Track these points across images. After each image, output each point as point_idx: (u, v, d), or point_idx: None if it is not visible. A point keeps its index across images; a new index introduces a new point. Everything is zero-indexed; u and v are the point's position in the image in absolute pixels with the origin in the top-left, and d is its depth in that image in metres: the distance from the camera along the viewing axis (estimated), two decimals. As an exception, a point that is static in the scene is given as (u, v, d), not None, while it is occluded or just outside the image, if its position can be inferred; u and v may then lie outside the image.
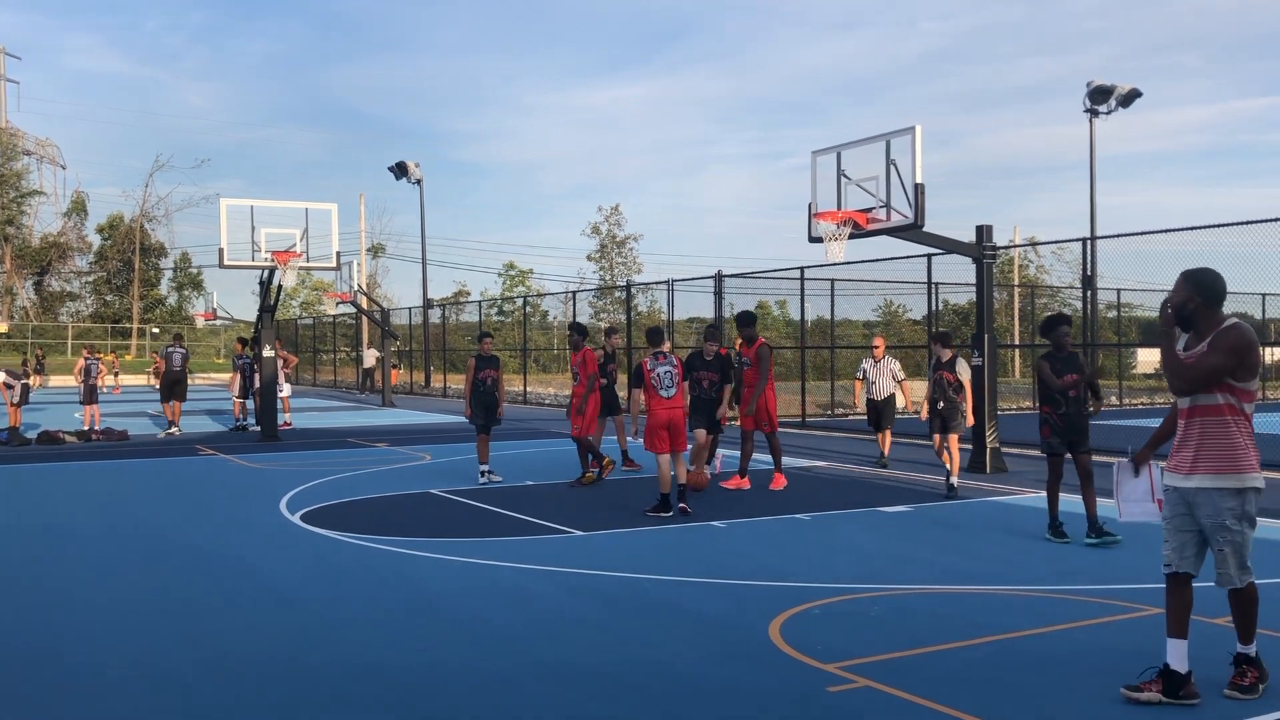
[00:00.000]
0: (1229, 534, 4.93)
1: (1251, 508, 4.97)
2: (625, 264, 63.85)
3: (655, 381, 10.62)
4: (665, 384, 10.61)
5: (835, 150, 13.76)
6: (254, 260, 19.07)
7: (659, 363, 10.72)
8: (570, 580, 7.72)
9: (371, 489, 12.59)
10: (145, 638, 6.28)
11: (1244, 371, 4.91)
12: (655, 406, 10.57)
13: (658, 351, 10.90)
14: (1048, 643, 6.05)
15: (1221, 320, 5.01)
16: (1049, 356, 9.15)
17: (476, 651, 5.96)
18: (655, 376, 10.64)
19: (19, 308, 66.84)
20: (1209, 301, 5.04)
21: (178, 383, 20.82)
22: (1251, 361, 4.91)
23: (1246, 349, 4.91)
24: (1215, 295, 5.04)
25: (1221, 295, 5.06)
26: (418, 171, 42.41)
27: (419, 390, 38.50)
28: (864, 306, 32.68)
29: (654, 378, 10.64)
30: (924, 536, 9.47)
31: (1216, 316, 5.04)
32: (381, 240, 71.48)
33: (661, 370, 10.67)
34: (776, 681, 5.37)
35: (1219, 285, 5.06)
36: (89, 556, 8.72)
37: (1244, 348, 4.90)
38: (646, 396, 10.68)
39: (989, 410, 14.21)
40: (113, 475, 14.20)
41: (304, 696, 5.23)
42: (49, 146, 71.54)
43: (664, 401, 10.56)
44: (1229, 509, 4.91)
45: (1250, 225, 14.92)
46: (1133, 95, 33.89)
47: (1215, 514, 4.93)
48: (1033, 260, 54.54)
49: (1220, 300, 5.06)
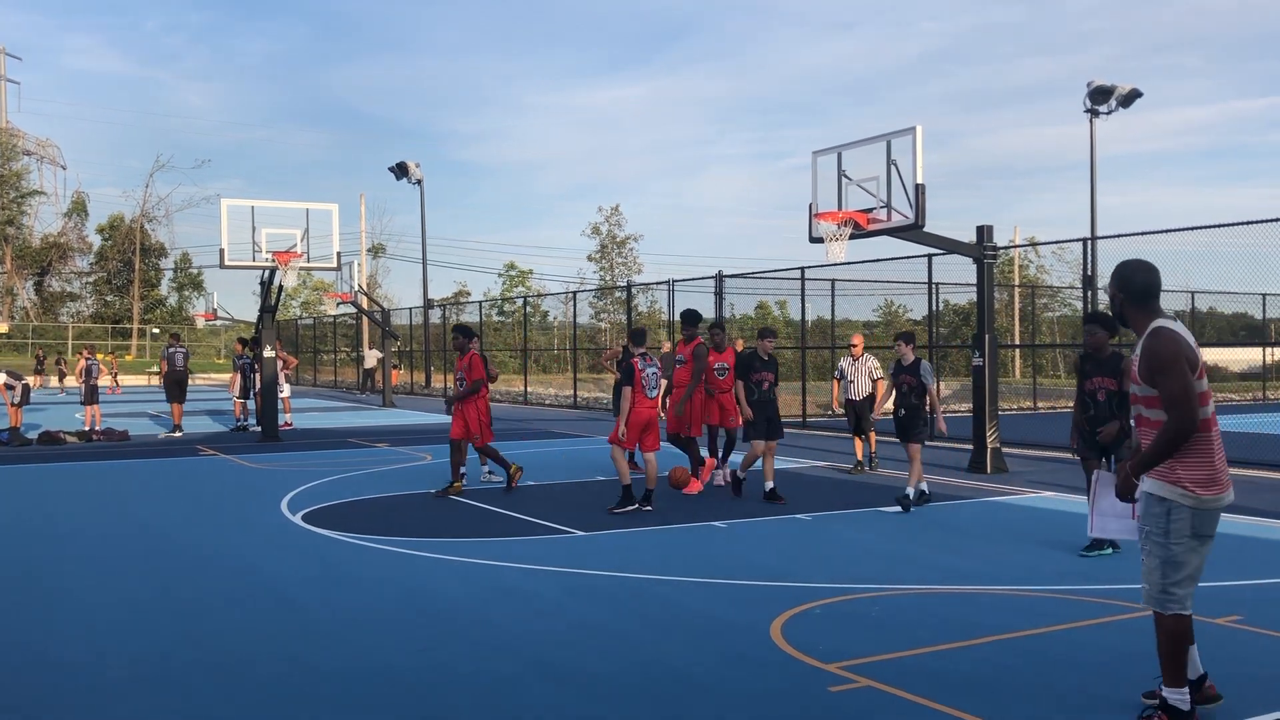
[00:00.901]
0: (1150, 544, 4.55)
1: (1180, 525, 4.46)
2: (625, 264, 63.91)
3: (645, 382, 10.74)
4: (652, 384, 10.82)
5: (836, 150, 13.76)
6: (255, 261, 19.07)
7: (647, 364, 10.83)
8: (571, 580, 7.72)
9: (372, 489, 12.59)
10: (146, 638, 6.28)
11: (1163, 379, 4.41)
12: (641, 405, 10.70)
13: (644, 352, 10.99)
14: (1048, 643, 6.05)
15: (1149, 322, 4.56)
16: (1084, 356, 8.98)
17: (477, 652, 5.96)
18: (645, 377, 10.76)
19: (19, 308, 66.86)
20: (1134, 299, 4.60)
21: (179, 383, 20.83)
22: (1167, 369, 4.39)
23: (1153, 357, 4.44)
24: (1138, 290, 4.57)
25: (1147, 289, 4.56)
26: (418, 171, 42.40)
27: (419, 390, 38.50)
28: (864, 307, 32.71)
29: (644, 378, 10.74)
30: (925, 537, 9.47)
31: (1147, 316, 4.57)
32: (382, 240, 71.58)
33: (649, 371, 10.82)
34: (778, 682, 5.37)
35: (1141, 278, 4.56)
36: (89, 557, 8.72)
37: (1151, 356, 4.45)
38: (634, 396, 10.71)
39: (989, 410, 14.21)
40: (113, 475, 14.20)
41: (305, 696, 5.23)
42: (49, 147, 71.61)
43: (648, 401, 10.77)
44: (1154, 515, 4.53)
45: (1250, 225, 14.92)
46: (1133, 95, 33.86)
47: (1144, 519, 4.59)
48: (1033, 260, 54.57)
49: (1147, 295, 4.57)
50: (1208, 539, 4.54)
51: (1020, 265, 51.55)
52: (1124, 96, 33.75)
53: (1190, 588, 4.52)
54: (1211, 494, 4.49)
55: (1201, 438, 4.49)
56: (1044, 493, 12.20)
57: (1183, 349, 4.44)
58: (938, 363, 23.31)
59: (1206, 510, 4.50)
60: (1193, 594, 4.55)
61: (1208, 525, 4.53)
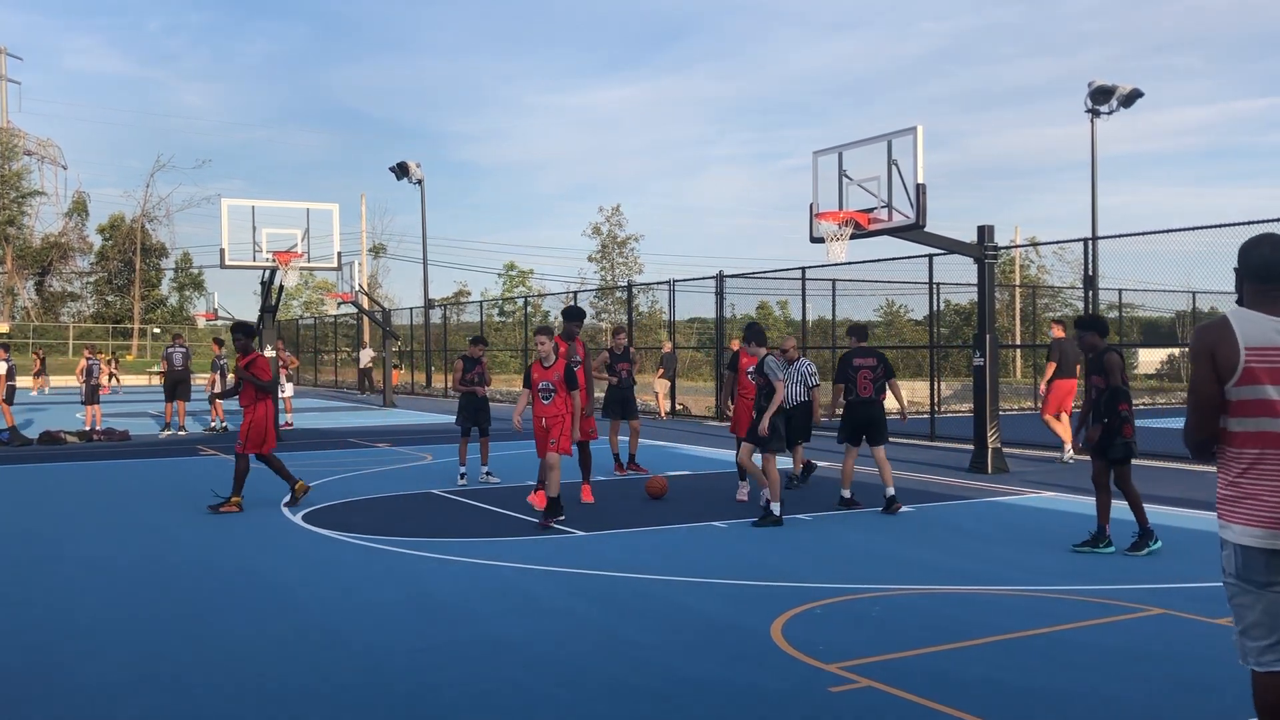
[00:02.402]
0: (1227, 588, 3.78)
1: (1231, 566, 3.68)
2: (626, 264, 63.88)
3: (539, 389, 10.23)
4: (545, 394, 10.16)
5: (837, 150, 13.76)
6: (255, 261, 19.09)
7: (543, 371, 10.29)
8: (572, 580, 7.72)
9: (373, 489, 12.60)
10: (146, 638, 6.28)
11: None
12: (534, 408, 10.24)
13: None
14: (1048, 643, 6.05)
15: None
16: (1087, 357, 8.97)
17: (478, 652, 5.96)
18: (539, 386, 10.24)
19: (20, 308, 66.84)
20: (1242, 278, 3.83)
21: (180, 382, 20.83)
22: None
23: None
24: (1248, 269, 3.77)
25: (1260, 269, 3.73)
26: (419, 172, 42.37)
27: (420, 390, 38.50)
28: (865, 307, 32.65)
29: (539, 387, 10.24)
30: (925, 537, 9.47)
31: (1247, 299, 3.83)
32: (383, 240, 71.54)
33: (544, 384, 10.22)
34: (778, 682, 5.37)
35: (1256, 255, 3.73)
36: (90, 557, 8.72)
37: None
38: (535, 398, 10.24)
39: (990, 410, 14.20)
40: (114, 475, 14.20)
41: (305, 696, 5.24)
42: (50, 147, 71.55)
43: (540, 406, 10.18)
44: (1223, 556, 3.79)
45: (1250, 225, 14.91)
46: (1134, 95, 33.84)
47: None
48: (1034, 260, 54.56)
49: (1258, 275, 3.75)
50: (1267, 587, 3.61)
51: (1021, 265, 51.54)
52: (1125, 96, 33.73)
53: (1261, 640, 3.66)
54: (1253, 528, 3.60)
55: (1237, 456, 3.68)
56: (1045, 493, 12.20)
57: (1206, 343, 3.68)
58: (937, 363, 23.28)
59: (1251, 550, 3.61)
60: (1273, 653, 3.66)
61: (1257, 570, 3.61)
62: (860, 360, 10.85)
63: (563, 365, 10.22)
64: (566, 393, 10.13)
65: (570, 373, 10.16)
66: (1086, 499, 11.52)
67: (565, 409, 10.10)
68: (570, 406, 10.12)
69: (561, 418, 10.07)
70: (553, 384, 10.12)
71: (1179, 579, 7.70)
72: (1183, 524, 10.01)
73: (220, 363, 22.26)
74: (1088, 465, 9.25)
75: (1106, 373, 8.58)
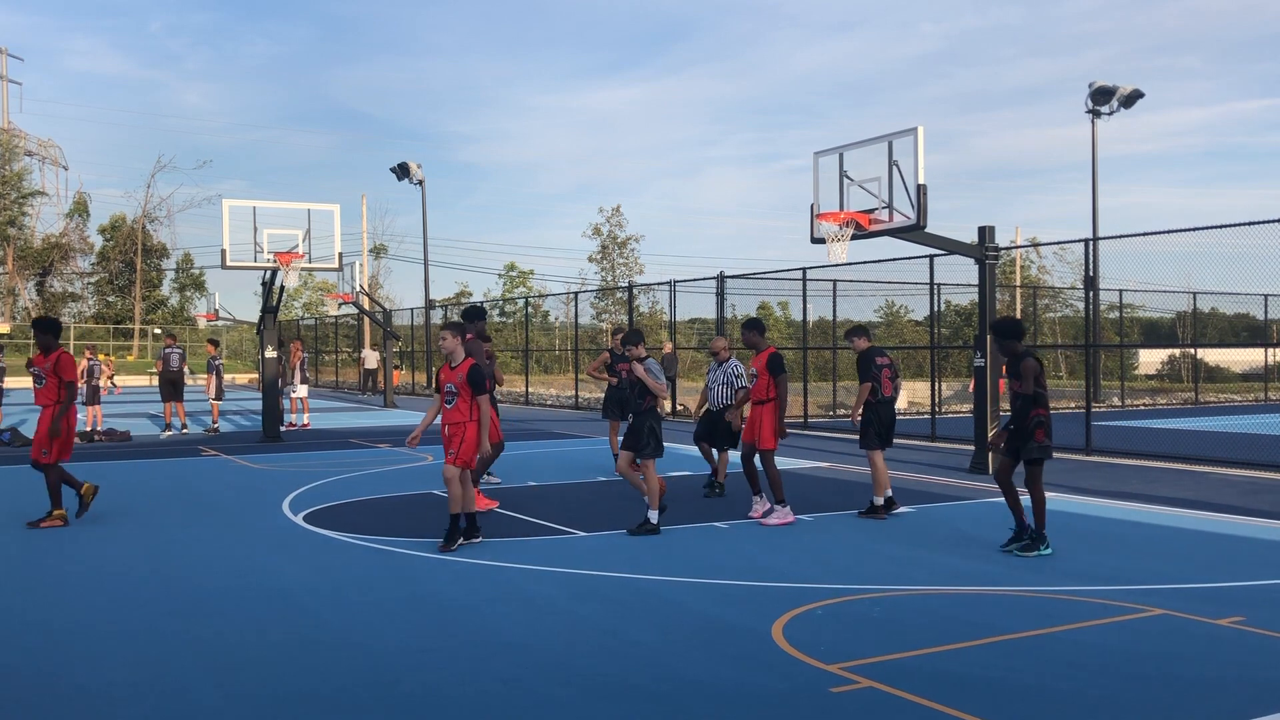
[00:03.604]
0: None
1: None
2: (626, 265, 63.96)
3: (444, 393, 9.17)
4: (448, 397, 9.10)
5: (837, 151, 13.76)
6: (256, 261, 19.07)
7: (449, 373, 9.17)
8: (572, 581, 7.72)
9: (374, 490, 12.60)
10: (147, 638, 6.28)
11: None
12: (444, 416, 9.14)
13: None
14: (1049, 643, 6.05)
15: None
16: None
17: (479, 652, 5.96)
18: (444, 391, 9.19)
19: (21, 308, 66.87)
20: None
21: (175, 383, 20.83)
22: None
23: None
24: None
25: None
26: (420, 172, 42.38)
27: (420, 391, 38.51)
28: (866, 307, 32.66)
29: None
30: (926, 537, 9.48)
31: None
32: (383, 241, 71.62)
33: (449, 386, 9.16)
34: (779, 682, 5.38)
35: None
36: (90, 557, 8.73)
37: None
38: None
39: (991, 411, 14.20)
40: (115, 476, 14.20)
41: (306, 697, 5.24)
42: (51, 147, 71.60)
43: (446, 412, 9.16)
44: None
45: (1250, 226, 14.93)
46: (1135, 96, 33.87)
47: None
48: (1034, 261, 54.57)
49: None
50: None
51: (1022, 266, 51.53)
52: (1125, 97, 33.77)
53: None
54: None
55: None
56: (1045, 493, 12.17)
57: None
58: (938, 363, 23.29)
59: None
60: None
61: None
62: (881, 359, 10.75)
63: (468, 366, 8.98)
64: (472, 397, 8.96)
65: (476, 373, 8.95)
66: (1087, 499, 11.54)
67: (469, 415, 8.94)
68: (476, 413, 8.96)
69: (463, 425, 8.92)
70: (455, 386, 8.96)
71: (1179, 579, 7.70)
72: (1183, 525, 10.03)
73: (216, 363, 22.25)
74: (1088, 465, 9.25)
75: (1021, 378, 8.59)
